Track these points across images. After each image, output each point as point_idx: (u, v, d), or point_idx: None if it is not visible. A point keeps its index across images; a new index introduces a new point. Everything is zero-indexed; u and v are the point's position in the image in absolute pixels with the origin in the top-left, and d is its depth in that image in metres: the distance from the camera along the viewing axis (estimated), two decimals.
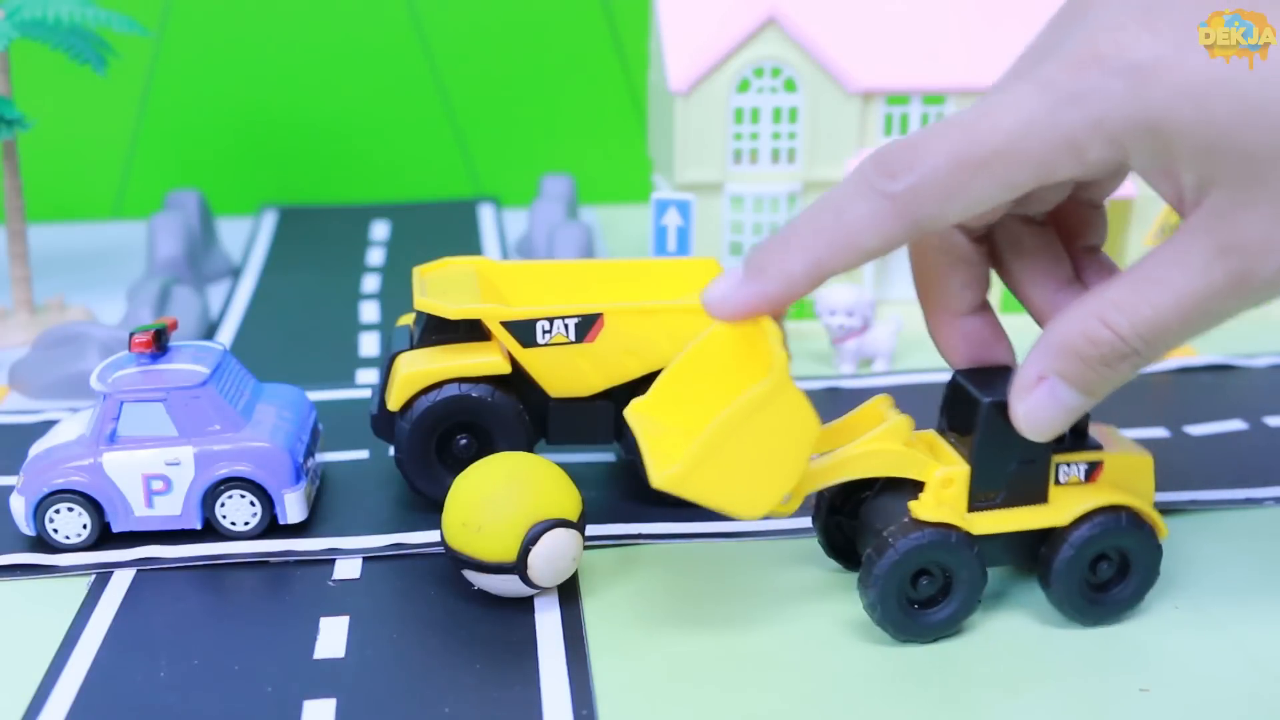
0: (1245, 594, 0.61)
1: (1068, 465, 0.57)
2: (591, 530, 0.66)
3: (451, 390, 0.66)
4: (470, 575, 0.59)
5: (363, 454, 0.75)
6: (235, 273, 1.09)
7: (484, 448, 0.68)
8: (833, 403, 0.63)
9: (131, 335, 0.65)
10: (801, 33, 0.91)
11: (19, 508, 0.64)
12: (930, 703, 0.54)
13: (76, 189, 1.25)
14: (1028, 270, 0.58)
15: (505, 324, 0.66)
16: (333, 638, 0.58)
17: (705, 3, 0.95)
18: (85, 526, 0.64)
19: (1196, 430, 0.77)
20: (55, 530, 0.64)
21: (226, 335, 0.95)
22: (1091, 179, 0.51)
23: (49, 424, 0.78)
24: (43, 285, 1.03)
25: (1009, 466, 0.57)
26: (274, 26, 1.24)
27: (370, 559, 0.64)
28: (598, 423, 0.68)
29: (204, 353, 0.67)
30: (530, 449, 0.68)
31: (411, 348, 0.68)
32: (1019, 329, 0.61)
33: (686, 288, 0.72)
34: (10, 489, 0.67)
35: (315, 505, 0.69)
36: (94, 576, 0.63)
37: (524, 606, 0.60)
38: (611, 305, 0.67)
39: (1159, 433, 0.77)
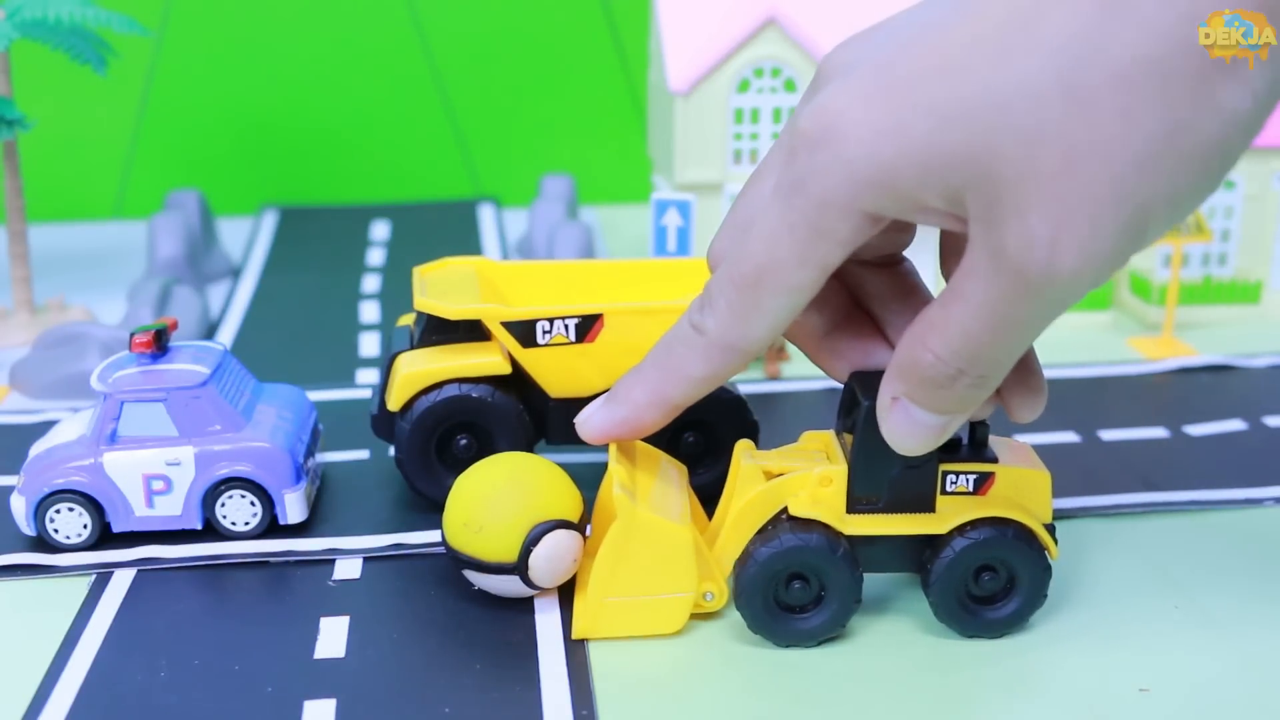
0: (1245, 594, 0.61)
1: (955, 475, 0.56)
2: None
3: (451, 390, 0.66)
4: (471, 575, 0.59)
5: (363, 454, 0.75)
6: (235, 273, 1.09)
7: (484, 448, 0.68)
8: (833, 400, 0.63)
9: (132, 335, 0.65)
10: (801, 33, 0.91)
11: (19, 508, 0.64)
12: (930, 702, 0.54)
13: (77, 189, 1.26)
14: (886, 314, 0.58)
15: (505, 324, 0.66)
16: (333, 638, 0.58)
17: (705, 3, 0.95)
18: (86, 526, 0.64)
19: (1196, 430, 0.77)
20: (56, 530, 0.64)
21: (227, 335, 0.95)
22: (863, 243, 0.51)
23: (49, 424, 0.78)
24: (43, 285, 1.03)
25: (890, 471, 0.56)
26: (274, 27, 1.24)
27: (370, 559, 0.64)
28: None
29: (204, 353, 0.67)
30: (530, 449, 0.68)
31: (412, 348, 0.68)
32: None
33: (686, 288, 0.72)
34: (11, 489, 0.67)
35: (315, 505, 0.69)
36: (94, 576, 0.63)
37: (524, 606, 0.60)
38: (611, 305, 0.67)
39: (1159, 433, 0.77)
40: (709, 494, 0.69)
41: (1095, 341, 0.92)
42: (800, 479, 0.57)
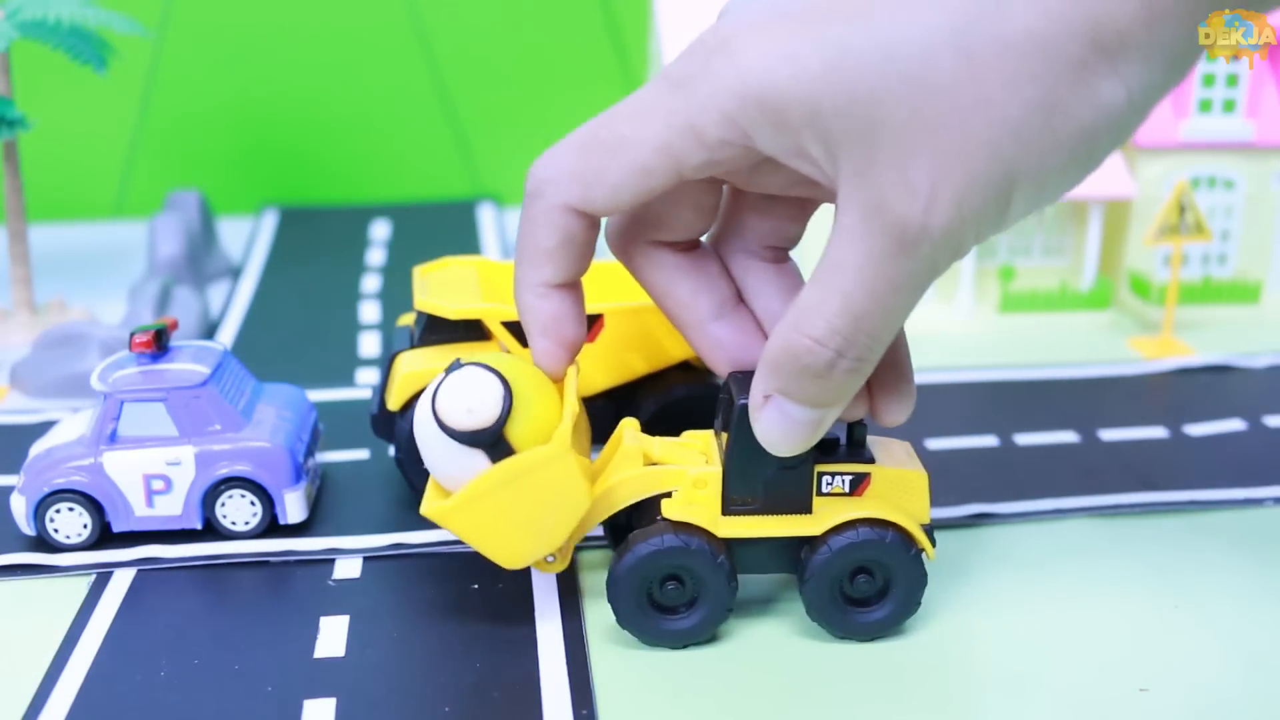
0: (1245, 594, 0.61)
1: (831, 475, 0.56)
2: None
3: None
4: (434, 447, 0.56)
5: (363, 454, 0.75)
6: (235, 273, 1.09)
7: None
8: None
9: (132, 335, 0.65)
10: None
11: (19, 508, 0.64)
12: (930, 702, 0.54)
13: (77, 189, 1.26)
14: (677, 302, 0.57)
15: (505, 324, 0.66)
16: (333, 637, 0.58)
17: (705, 3, 0.95)
18: (86, 526, 0.64)
19: (1196, 430, 0.77)
20: (56, 530, 0.64)
21: (227, 335, 0.95)
22: (726, 164, 0.51)
23: (49, 424, 0.78)
24: (43, 285, 1.03)
25: (765, 472, 0.55)
26: (274, 27, 1.24)
27: (370, 559, 0.64)
28: (598, 423, 0.68)
29: (204, 353, 0.67)
30: None
31: (412, 347, 0.68)
32: (1023, 328, 0.61)
33: None
34: (11, 489, 0.67)
35: (315, 505, 0.69)
36: (94, 576, 0.63)
37: (524, 606, 0.60)
38: (611, 305, 0.67)
39: (1158, 433, 0.77)
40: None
41: (1095, 341, 0.92)
42: (674, 475, 0.56)
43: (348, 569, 0.64)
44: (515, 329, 0.66)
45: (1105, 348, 0.91)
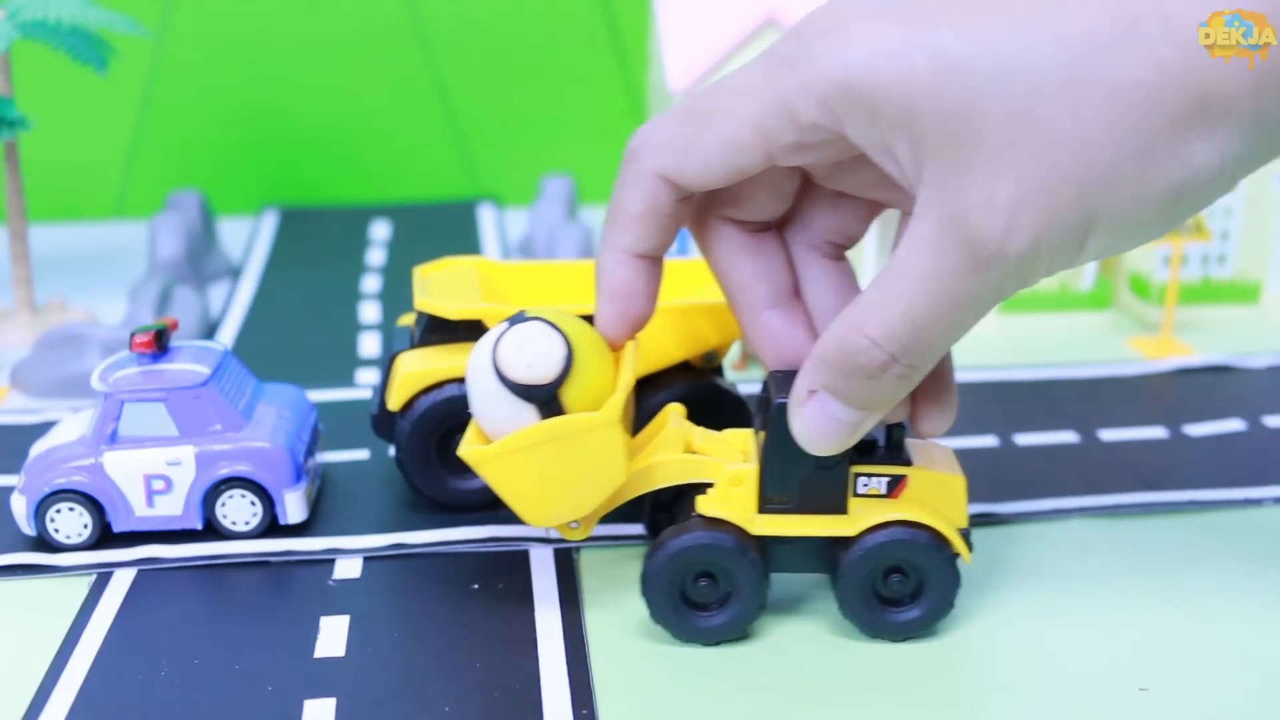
0: (1245, 594, 0.61)
1: (868, 477, 0.56)
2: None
3: (451, 390, 0.66)
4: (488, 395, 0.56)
5: (363, 454, 0.75)
6: (236, 273, 1.09)
7: None
8: None
9: (132, 335, 0.65)
10: None
11: (20, 508, 0.64)
12: (930, 702, 0.54)
13: (77, 189, 1.26)
14: (736, 284, 0.57)
15: None
16: (333, 637, 0.58)
17: (705, 3, 0.95)
18: (86, 526, 0.64)
19: (1196, 430, 0.77)
20: (56, 530, 0.64)
21: (227, 335, 0.95)
22: (815, 152, 0.51)
23: (50, 424, 0.78)
24: (44, 285, 1.03)
25: (801, 471, 0.55)
26: (274, 27, 1.24)
27: (370, 559, 0.64)
28: None
29: (204, 353, 0.67)
30: None
31: (412, 348, 0.68)
32: (1023, 329, 0.61)
33: (686, 288, 0.72)
34: (11, 489, 0.67)
35: (315, 505, 0.69)
36: (95, 576, 0.63)
37: (524, 606, 0.60)
38: None
39: (1159, 433, 0.77)
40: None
41: (1095, 341, 0.92)
42: (711, 466, 0.57)
43: (348, 569, 0.64)
44: None
45: (1105, 348, 0.91)
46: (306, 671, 0.56)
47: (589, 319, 0.66)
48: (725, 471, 0.56)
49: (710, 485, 0.57)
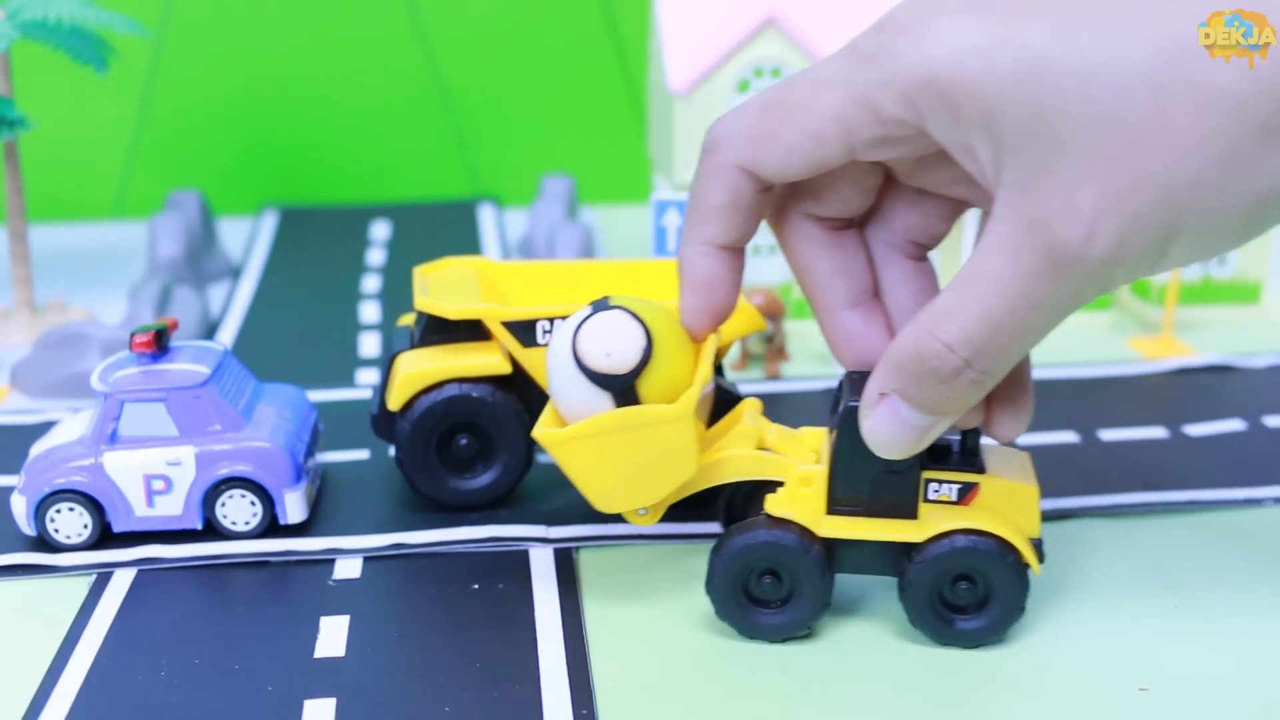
0: (1245, 594, 0.61)
1: (938, 483, 0.56)
2: (591, 530, 0.66)
3: (452, 390, 0.66)
4: (571, 380, 0.55)
5: (363, 454, 0.75)
6: (235, 273, 1.09)
7: (484, 447, 0.68)
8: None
9: (132, 335, 0.65)
10: (801, 33, 0.91)
11: (20, 508, 0.64)
12: (930, 702, 0.54)
13: (77, 189, 1.26)
14: (816, 282, 0.57)
15: (506, 324, 0.66)
16: (333, 637, 0.58)
17: (705, 3, 0.95)
18: (86, 526, 0.64)
19: (1196, 430, 0.77)
20: (56, 530, 0.64)
21: (227, 335, 0.95)
22: (896, 147, 0.51)
23: (50, 424, 0.78)
24: (44, 285, 1.03)
25: (871, 474, 0.55)
26: (274, 27, 1.24)
27: (370, 559, 0.64)
28: None
29: (204, 353, 0.67)
30: (530, 449, 0.68)
31: (412, 348, 0.68)
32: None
33: None
34: (11, 489, 0.67)
35: (315, 505, 0.69)
36: (95, 576, 0.63)
37: (524, 606, 0.60)
38: None
39: (1159, 433, 0.77)
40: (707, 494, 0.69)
41: (1095, 341, 0.92)
42: (782, 465, 0.57)
43: (348, 569, 0.64)
44: (515, 329, 0.66)
45: (1105, 348, 0.91)
46: (306, 671, 0.55)
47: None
48: (795, 471, 0.56)
49: (782, 483, 0.57)
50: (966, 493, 0.56)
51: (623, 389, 0.54)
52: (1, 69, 0.93)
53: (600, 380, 0.54)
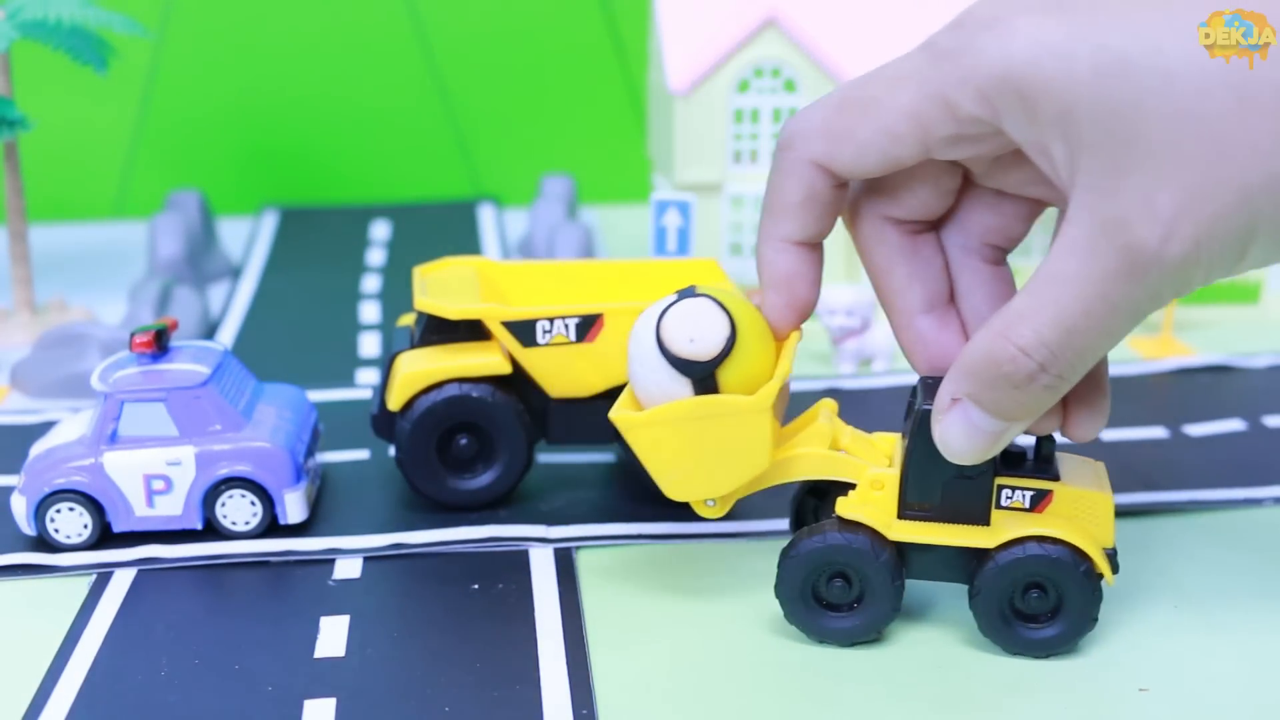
0: (1245, 594, 0.61)
1: (1011, 490, 0.55)
2: (591, 530, 0.66)
3: (452, 390, 0.66)
4: (650, 363, 0.55)
5: (363, 454, 0.75)
6: (236, 273, 1.09)
7: (484, 447, 0.68)
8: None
9: (132, 335, 0.65)
10: (801, 33, 0.91)
11: (20, 508, 0.64)
12: (930, 702, 0.54)
13: (77, 189, 1.26)
14: (891, 285, 0.56)
15: (506, 324, 0.66)
16: (333, 637, 0.58)
17: (705, 3, 0.95)
18: (86, 526, 0.64)
19: (1196, 430, 0.78)
20: (56, 530, 0.64)
21: (227, 335, 0.95)
22: (972, 146, 0.50)
23: (50, 424, 0.78)
24: (44, 285, 1.03)
25: (943, 479, 0.55)
26: (274, 27, 1.24)
27: (370, 559, 0.64)
28: (598, 423, 0.68)
29: (204, 353, 0.67)
30: (531, 449, 0.68)
31: (412, 348, 0.68)
32: None
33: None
34: (11, 489, 0.67)
35: (315, 505, 0.69)
36: (95, 576, 0.63)
37: (524, 606, 0.60)
38: (611, 305, 0.67)
39: (1159, 433, 0.77)
40: None
41: None
42: (854, 467, 0.57)
43: (348, 569, 0.64)
44: (515, 329, 0.66)
45: None
46: (306, 671, 0.55)
47: (589, 320, 0.66)
48: (867, 474, 0.56)
49: (854, 486, 0.57)
50: (1040, 500, 0.55)
51: (703, 376, 0.54)
52: (1, 69, 0.93)
53: (681, 366, 0.54)
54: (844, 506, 0.56)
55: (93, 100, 1.21)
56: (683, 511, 0.68)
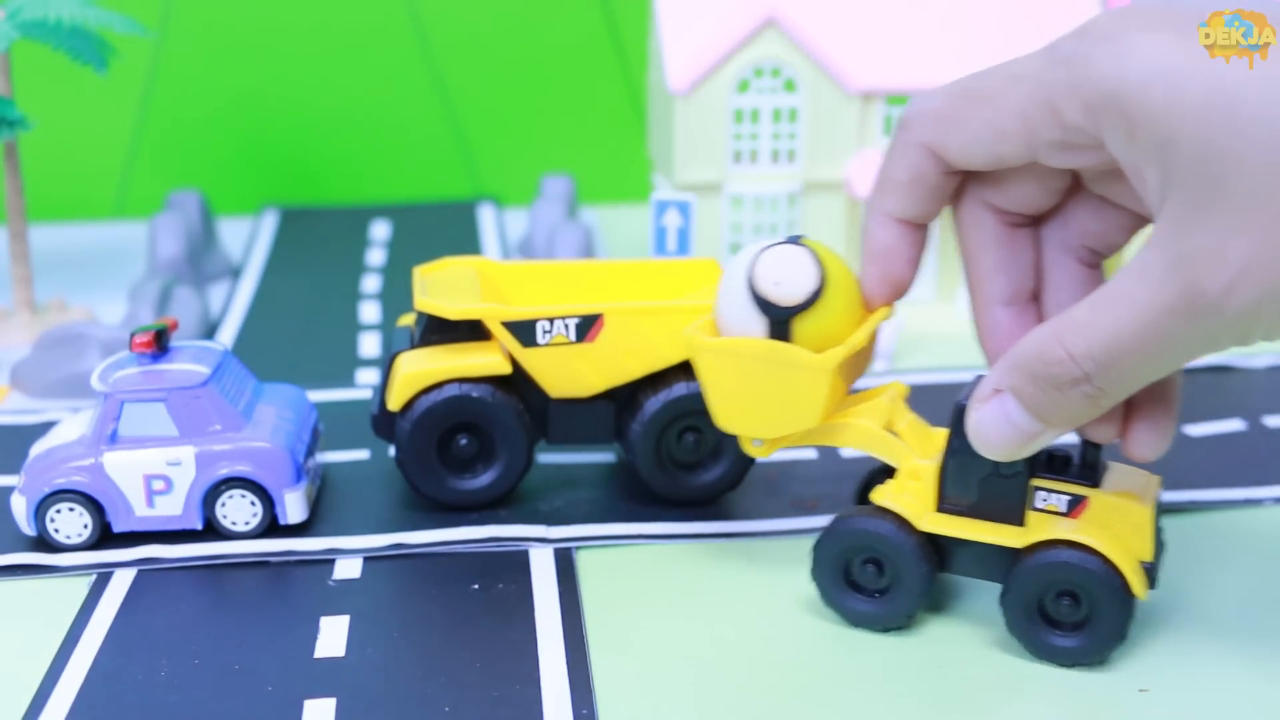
0: (1245, 594, 0.61)
1: (1047, 492, 0.55)
2: (591, 530, 0.66)
3: (452, 390, 0.66)
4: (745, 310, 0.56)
5: (363, 454, 0.75)
6: (236, 273, 1.09)
7: (484, 448, 0.68)
8: None
9: (132, 335, 0.65)
10: (801, 33, 0.91)
11: (20, 508, 0.64)
12: (930, 702, 0.54)
13: (77, 189, 1.25)
14: (978, 272, 0.56)
15: (506, 324, 0.66)
16: (333, 637, 0.58)
17: (705, 3, 0.95)
18: (86, 526, 0.64)
19: (1196, 430, 0.78)
20: (56, 530, 0.64)
21: (227, 335, 0.95)
22: (1079, 156, 0.50)
23: (50, 424, 0.78)
24: (44, 285, 1.03)
25: (979, 475, 0.55)
26: (274, 27, 1.24)
27: (370, 559, 0.64)
28: (598, 423, 0.68)
29: (204, 353, 0.67)
30: (531, 449, 0.68)
31: (412, 348, 0.68)
32: None
33: (686, 288, 0.72)
34: (11, 489, 0.67)
35: (315, 505, 0.69)
36: (95, 576, 0.63)
37: (524, 606, 0.60)
38: (611, 305, 0.67)
39: None
40: (711, 493, 0.69)
41: None
42: (897, 450, 0.57)
43: (348, 569, 0.64)
44: (515, 329, 0.66)
45: None
46: (306, 671, 0.56)
47: (589, 320, 0.66)
48: (907, 463, 0.57)
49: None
50: (1075, 505, 0.55)
51: (779, 320, 0.55)
52: (1, 69, 0.93)
53: (762, 305, 0.55)
54: (879, 493, 0.57)
55: (93, 100, 1.21)
56: (683, 511, 0.68)
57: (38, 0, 0.91)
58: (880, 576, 0.57)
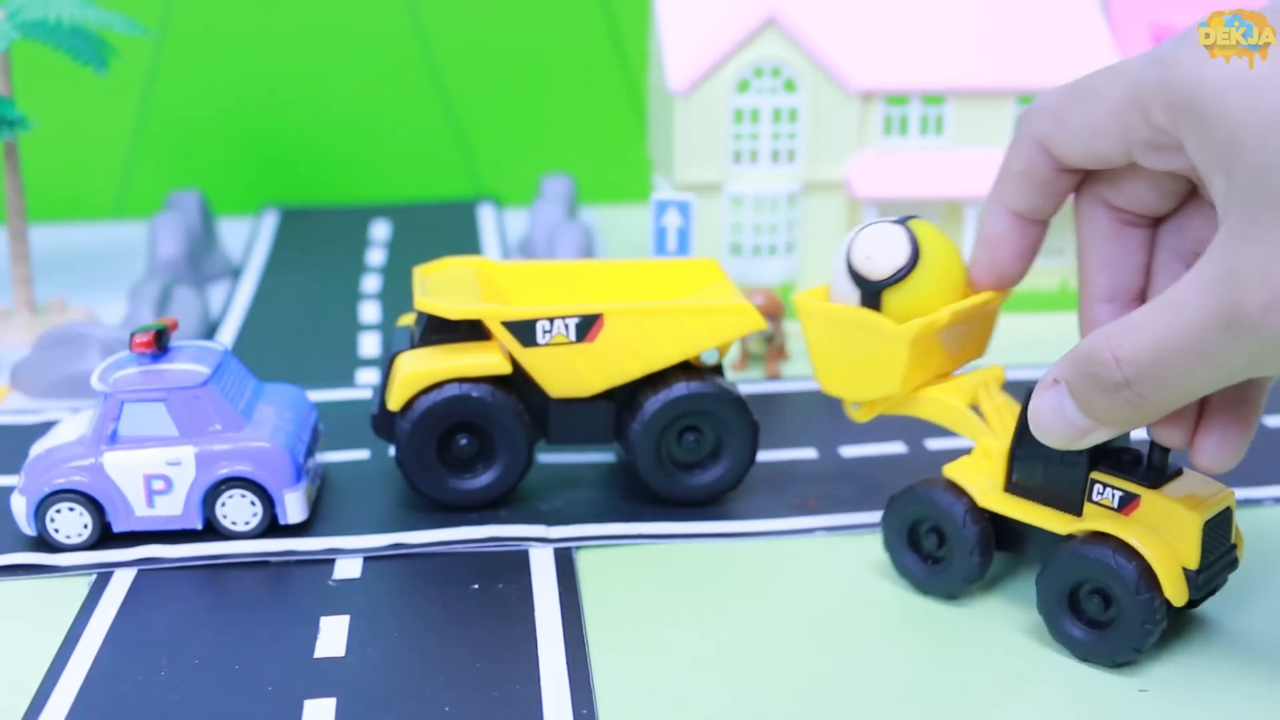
0: (1245, 594, 0.61)
1: (1103, 486, 0.56)
2: (591, 530, 0.66)
3: (452, 390, 0.66)
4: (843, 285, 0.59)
5: (363, 454, 0.75)
6: (236, 273, 1.09)
7: (484, 447, 0.68)
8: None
9: (132, 335, 0.65)
10: (801, 33, 0.91)
11: (20, 508, 0.64)
12: (930, 702, 0.54)
13: (77, 189, 1.25)
14: (1086, 266, 0.57)
15: (506, 324, 0.66)
16: (333, 637, 0.58)
17: (705, 3, 0.95)
18: (86, 526, 0.64)
19: None
20: (56, 530, 0.64)
21: (227, 335, 0.95)
22: (1173, 159, 0.49)
23: (50, 424, 0.78)
24: (44, 285, 1.03)
25: (1044, 461, 0.57)
26: (274, 27, 1.24)
27: (370, 559, 0.64)
28: (598, 423, 0.69)
29: (204, 353, 0.67)
30: (531, 449, 0.68)
31: (412, 348, 0.68)
32: (1023, 328, 0.61)
33: (686, 288, 0.72)
34: (11, 489, 0.67)
35: (315, 505, 0.69)
36: (94, 576, 0.63)
37: (524, 606, 0.60)
38: (611, 305, 0.67)
39: None
40: (711, 493, 0.69)
41: None
42: (975, 428, 0.59)
43: (348, 569, 0.64)
44: (515, 329, 0.66)
45: None
46: (306, 671, 0.56)
47: (589, 320, 0.66)
48: (983, 441, 0.59)
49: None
50: (1127, 503, 0.55)
51: (869, 292, 0.58)
52: (1, 69, 0.93)
53: (853, 276, 0.58)
54: (950, 468, 0.59)
55: (93, 100, 1.21)
56: (683, 511, 0.68)
57: (38, 0, 0.91)
58: (940, 546, 0.59)
